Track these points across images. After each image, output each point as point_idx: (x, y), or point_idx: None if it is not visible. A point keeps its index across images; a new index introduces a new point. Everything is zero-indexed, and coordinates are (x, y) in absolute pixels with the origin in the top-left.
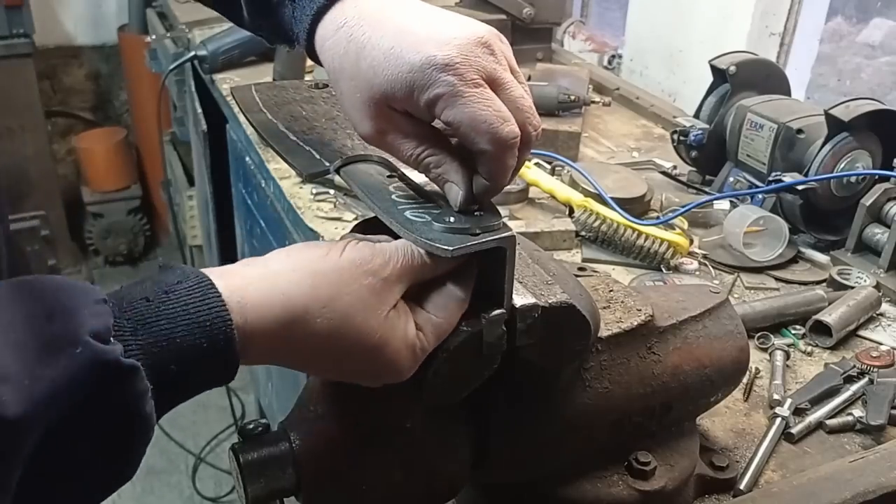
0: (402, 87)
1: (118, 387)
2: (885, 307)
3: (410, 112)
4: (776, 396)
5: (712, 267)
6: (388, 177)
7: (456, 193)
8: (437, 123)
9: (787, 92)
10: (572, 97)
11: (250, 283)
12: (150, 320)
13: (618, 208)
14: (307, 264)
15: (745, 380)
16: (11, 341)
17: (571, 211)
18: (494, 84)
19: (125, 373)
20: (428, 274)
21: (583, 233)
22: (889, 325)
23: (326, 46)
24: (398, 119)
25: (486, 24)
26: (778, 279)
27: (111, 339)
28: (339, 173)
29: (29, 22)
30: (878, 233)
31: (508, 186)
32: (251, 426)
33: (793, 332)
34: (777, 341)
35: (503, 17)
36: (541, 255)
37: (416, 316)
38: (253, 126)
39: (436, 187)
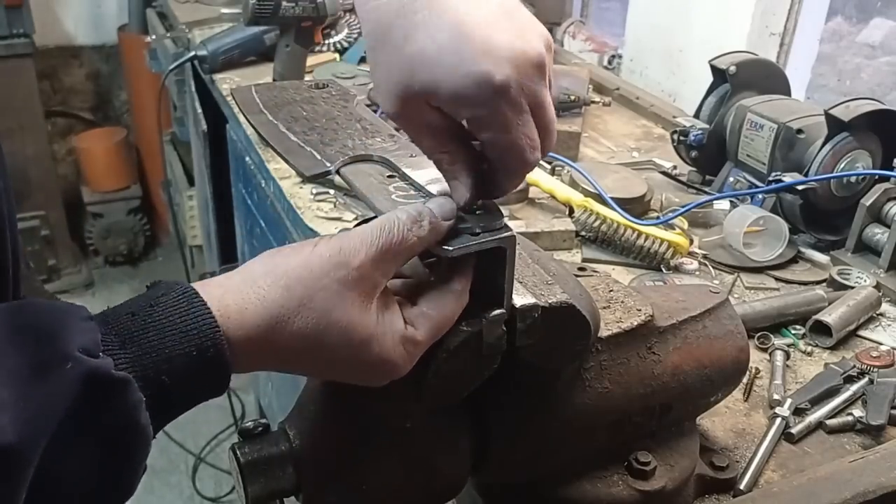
0: (446, 92)
1: (111, 399)
2: (885, 307)
3: (443, 109)
4: (776, 396)
5: (712, 267)
6: (388, 177)
7: (462, 194)
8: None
9: (787, 92)
10: (572, 97)
11: (227, 293)
12: (137, 333)
13: (618, 208)
14: (278, 266)
15: (745, 380)
16: (3, 367)
17: (571, 211)
18: (536, 106)
19: (117, 384)
20: (415, 249)
21: (583, 233)
22: (889, 325)
23: (371, 6)
24: (427, 111)
25: (543, 29)
26: (778, 279)
27: (100, 353)
28: (339, 173)
29: (29, 22)
30: (878, 233)
31: None
32: (251, 426)
33: (793, 332)
34: (777, 341)
35: None
36: (541, 255)
37: (407, 311)
38: (253, 126)
39: (436, 188)
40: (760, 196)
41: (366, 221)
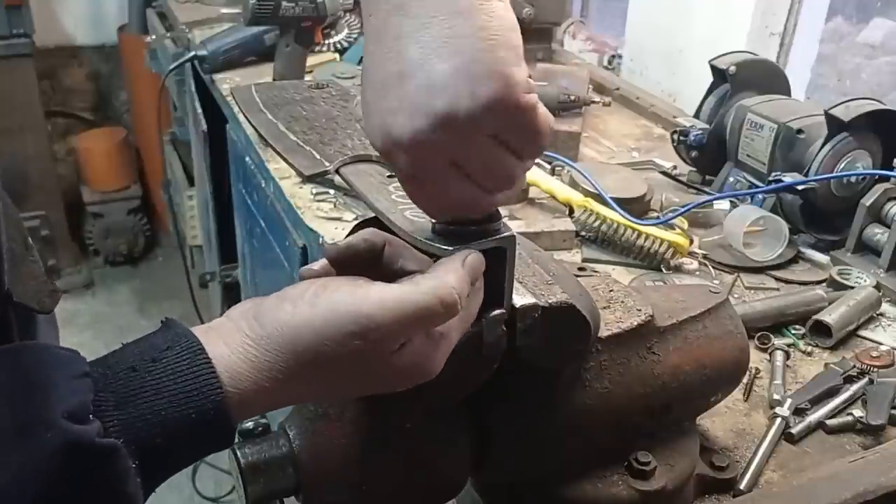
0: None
1: (96, 468)
2: (885, 307)
3: None
4: (776, 396)
5: (712, 267)
6: (389, 177)
7: None
8: None
9: (787, 92)
10: (572, 97)
11: (233, 353)
12: (135, 393)
13: (618, 208)
14: (284, 324)
15: (745, 380)
16: None
17: (571, 211)
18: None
19: (102, 454)
20: (435, 321)
21: (583, 233)
22: (889, 325)
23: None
24: None
25: (449, 98)
26: (778, 279)
27: (90, 416)
28: (339, 173)
29: (29, 22)
30: (878, 233)
31: None
32: (251, 426)
33: (793, 332)
34: (777, 341)
35: None
36: (541, 255)
37: None
38: (253, 126)
39: None
40: (760, 196)
41: (366, 222)
